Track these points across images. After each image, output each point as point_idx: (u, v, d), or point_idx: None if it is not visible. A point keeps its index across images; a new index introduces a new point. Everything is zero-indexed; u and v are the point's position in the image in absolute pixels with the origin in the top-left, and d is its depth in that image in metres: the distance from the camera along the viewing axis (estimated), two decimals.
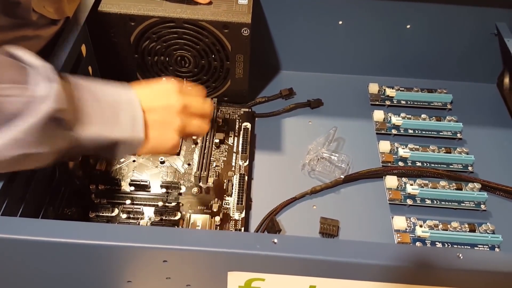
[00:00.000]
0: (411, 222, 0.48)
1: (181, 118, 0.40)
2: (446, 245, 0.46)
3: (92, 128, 0.35)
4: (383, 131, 0.56)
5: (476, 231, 0.47)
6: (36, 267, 0.34)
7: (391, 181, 0.50)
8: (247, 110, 0.57)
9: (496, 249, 0.46)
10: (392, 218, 0.48)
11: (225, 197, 0.48)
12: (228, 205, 0.47)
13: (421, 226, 0.47)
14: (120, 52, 0.53)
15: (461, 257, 0.32)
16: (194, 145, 0.52)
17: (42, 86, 0.32)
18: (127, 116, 0.37)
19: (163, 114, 0.39)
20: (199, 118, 0.41)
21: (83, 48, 0.50)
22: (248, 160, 0.51)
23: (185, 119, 0.40)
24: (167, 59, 0.53)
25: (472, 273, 0.32)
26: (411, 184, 0.50)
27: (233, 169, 0.50)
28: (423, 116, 0.57)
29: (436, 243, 0.46)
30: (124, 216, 0.46)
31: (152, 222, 0.45)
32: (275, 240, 0.32)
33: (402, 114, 0.57)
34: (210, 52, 0.52)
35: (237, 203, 0.46)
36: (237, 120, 0.56)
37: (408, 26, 0.58)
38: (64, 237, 0.31)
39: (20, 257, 0.33)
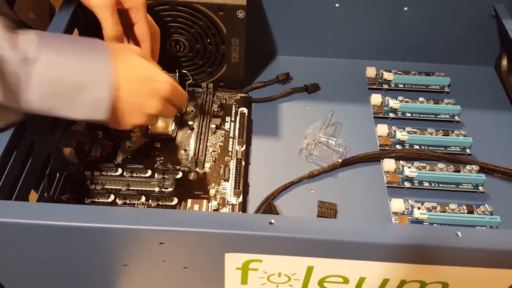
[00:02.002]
0: (409, 205, 0.47)
1: (159, 105, 0.39)
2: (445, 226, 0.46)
3: (41, 106, 0.35)
4: (380, 115, 0.56)
5: (475, 212, 0.47)
6: (31, 251, 0.34)
7: (388, 164, 0.50)
8: (243, 95, 0.56)
9: None
10: (390, 200, 0.48)
11: (222, 182, 0.47)
12: (225, 190, 0.47)
13: (419, 208, 0.47)
14: None
15: (460, 235, 0.32)
16: (190, 131, 0.52)
17: None
18: (89, 98, 0.35)
19: (141, 97, 0.38)
20: (172, 105, 0.42)
21: (76, 32, 0.49)
22: (245, 145, 0.51)
23: (162, 107, 0.40)
24: (161, 43, 0.52)
25: (470, 251, 0.32)
26: (409, 167, 0.50)
27: (230, 154, 0.50)
28: (420, 99, 0.57)
29: (434, 224, 0.46)
30: (120, 202, 0.45)
31: (148, 207, 0.45)
32: (272, 221, 0.31)
33: (400, 98, 0.57)
34: (205, 35, 0.52)
35: (235, 188, 0.46)
36: (233, 105, 0.55)
37: (405, 9, 0.58)
38: (59, 220, 0.31)
39: (15, 241, 0.33)
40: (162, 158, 0.49)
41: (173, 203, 0.45)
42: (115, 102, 0.37)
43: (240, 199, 0.46)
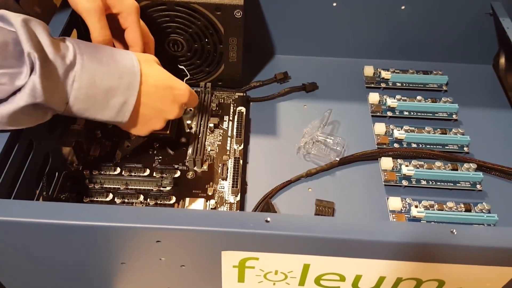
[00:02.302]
0: (407, 203, 0.48)
1: (178, 110, 0.42)
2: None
3: (75, 108, 0.36)
4: (378, 114, 0.56)
5: (472, 211, 0.47)
6: (29, 250, 0.34)
7: (386, 162, 0.50)
8: (241, 94, 0.57)
9: None
10: (388, 199, 0.48)
11: (220, 181, 0.48)
12: (223, 188, 0.47)
13: (416, 206, 0.47)
14: None
15: (455, 233, 0.32)
16: (188, 130, 0.52)
17: (22, 76, 0.32)
18: (118, 101, 0.38)
19: (163, 103, 0.41)
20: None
21: (74, 33, 0.49)
22: (243, 144, 0.51)
23: (180, 113, 0.43)
24: (159, 43, 0.53)
25: (466, 249, 0.32)
26: (407, 165, 0.50)
27: (228, 153, 0.50)
28: (418, 98, 0.57)
29: (432, 223, 0.46)
30: (118, 201, 0.45)
31: (146, 206, 0.45)
32: (268, 219, 0.32)
33: (398, 96, 0.57)
34: (203, 35, 0.52)
35: (232, 187, 0.46)
36: (231, 105, 0.55)
37: (403, 8, 0.58)
38: (58, 219, 0.31)
39: (14, 239, 0.33)
40: (160, 157, 0.49)
41: (171, 201, 0.46)
42: (139, 106, 0.39)
43: (238, 198, 0.46)
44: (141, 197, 0.46)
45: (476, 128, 0.55)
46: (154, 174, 0.47)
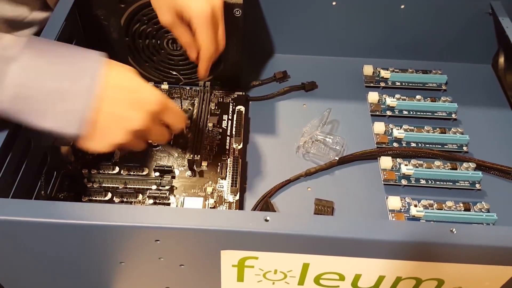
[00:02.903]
0: (406, 202, 0.48)
1: (144, 119, 0.35)
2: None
3: (9, 109, 0.33)
4: (377, 113, 0.56)
5: (471, 210, 0.47)
6: (28, 249, 0.34)
7: (385, 162, 0.50)
8: (240, 93, 0.56)
9: None
10: (387, 198, 0.48)
11: (219, 180, 0.48)
12: (222, 188, 0.47)
13: (415, 205, 0.47)
14: (110, 35, 0.52)
15: (454, 232, 0.32)
16: (187, 129, 0.52)
17: None
18: (65, 107, 0.33)
19: (125, 107, 0.35)
20: (165, 127, 0.38)
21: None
22: (242, 143, 0.51)
23: (148, 123, 0.36)
24: (158, 42, 0.53)
25: (465, 248, 0.32)
26: (406, 165, 0.50)
27: (227, 152, 0.50)
28: (417, 97, 0.57)
29: (431, 222, 0.46)
30: (117, 200, 0.45)
31: (145, 205, 0.45)
32: (268, 218, 0.32)
33: (397, 95, 0.57)
34: None
35: (231, 186, 0.46)
36: (230, 104, 0.55)
37: (402, 7, 0.58)
38: (55, 218, 0.31)
39: (11, 239, 0.33)
40: (159, 156, 0.49)
41: (170, 201, 0.45)
42: (94, 113, 0.34)
43: (237, 197, 0.46)
44: (140, 196, 0.46)
45: (475, 128, 0.55)
46: (153, 173, 0.47)
